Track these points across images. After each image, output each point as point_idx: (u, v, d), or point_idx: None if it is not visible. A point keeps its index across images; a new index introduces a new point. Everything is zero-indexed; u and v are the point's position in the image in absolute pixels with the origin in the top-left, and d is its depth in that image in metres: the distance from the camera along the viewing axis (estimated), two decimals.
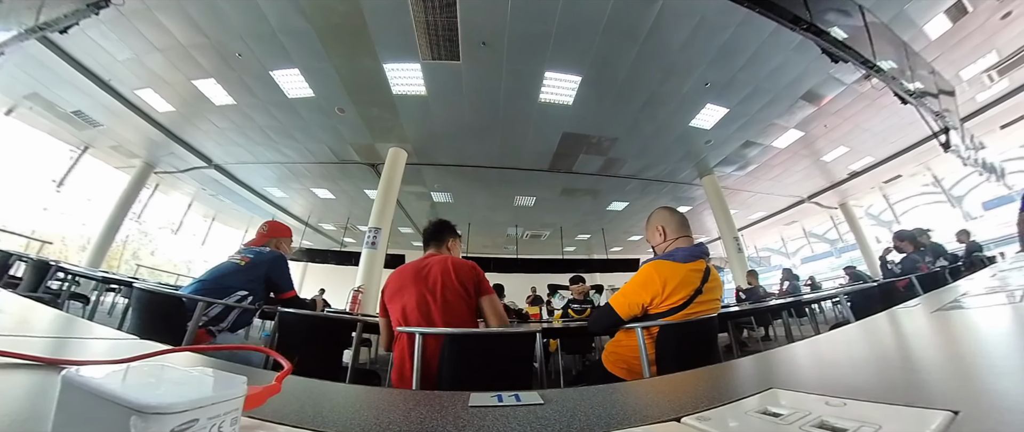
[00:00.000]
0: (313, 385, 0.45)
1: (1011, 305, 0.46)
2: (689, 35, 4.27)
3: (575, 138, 6.12)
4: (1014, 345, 0.33)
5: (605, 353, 1.43)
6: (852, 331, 0.56)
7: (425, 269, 1.36)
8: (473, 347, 1.06)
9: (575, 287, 4.21)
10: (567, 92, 4.96)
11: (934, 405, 0.19)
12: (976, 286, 0.76)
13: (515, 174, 7.20)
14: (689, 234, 1.43)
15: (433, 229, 1.57)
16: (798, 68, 5.08)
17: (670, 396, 0.34)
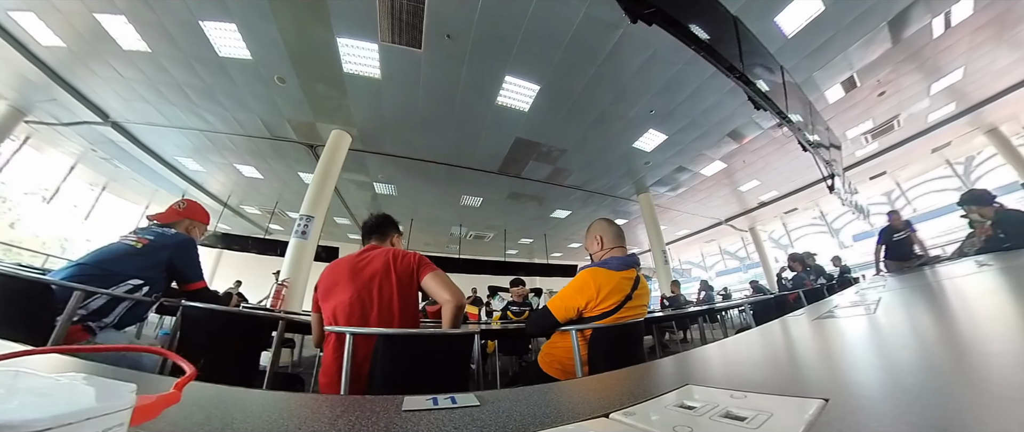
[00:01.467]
0: (222, 392, 0.40)
1: (867, 315, 0.57)
2: (642, 65, 4.63)
3: (527, 144, 6.22)
4: (870, 346, 0.41)
5: (541, 354, 1.49)
6: (753, 335, 0.63)
7: (363, 264, 1.27)
8: (408, 348, 1.01)
9: (515, 290, 4.28)
10: (524, 99, 5.03)
11: (811, 394, 0.24)
12: (844, 300, 0.93)
13: (464, 173, 7.10)
14: (624, 245, 1.54)
15: (376, 222, 1.48)
16: (728, 109, 5.83)
17: (600, 394, 0.36)
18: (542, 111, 5.33)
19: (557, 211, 9.75)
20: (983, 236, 3.00)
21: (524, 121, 5.55)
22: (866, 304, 0.71)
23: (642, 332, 1.49)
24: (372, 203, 8.86)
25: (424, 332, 1.03)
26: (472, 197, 8.51)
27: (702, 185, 9.06)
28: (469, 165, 6.82)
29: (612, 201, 9.19)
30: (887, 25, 4.77)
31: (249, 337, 1.62)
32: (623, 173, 7.81)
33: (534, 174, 7.36)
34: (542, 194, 8.47)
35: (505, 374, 3.43)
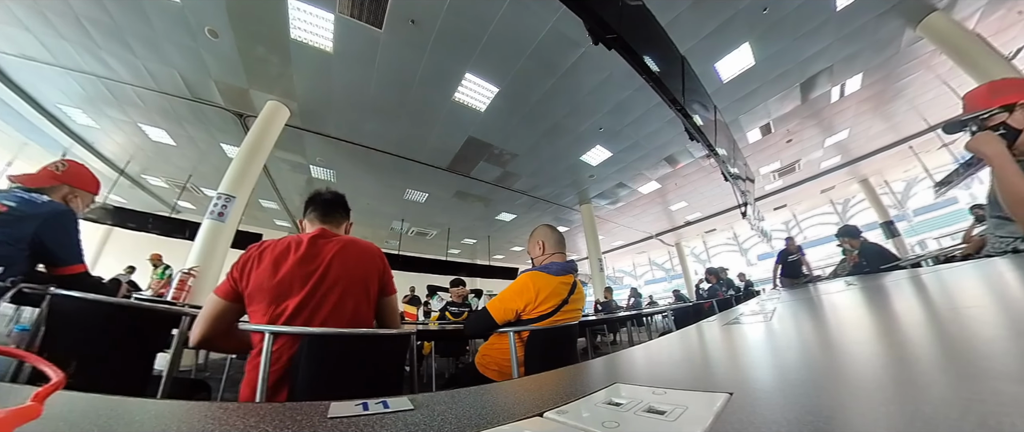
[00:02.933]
0: (102, 404, 0.34)
1: (765, 322, 0.67)
2: (597, 85, 4.89)
3: (479, 145, 6.20)
4: (766, 347, 0.48)
5: (478, 356, 1.50)
6: (673, 338, 0.70)
7: (316, 254, 1.02)
8: (337, 350, 0.89)
9: (455, 290, 4.21)
10: (482, 99, 5.01)
11: (719, 389, 0.27)
12: (748, 309, 1.08)
13: (412, 166, 6.84)
14: (563, 251, 1.60)
15: (334, 199, 1.23)
16: (667, 136, 6.43)
17: (535, 394, 0.37)
18: (498, 114, 5.35)
19: (503, 214, 9.83)
20: (851, 262, 3.78)
21: (479, 121, 5.52)
22: (764, 312, 0.84)
23: (576, 334, 1.56)
24: (306, 188, 8.13)
25: (355, 332, 0.92)
26: (418, 192, 8.23)
27: (638, 201, 9.82)
28: (418, 158, 6.60)
29: (556, 209, 9.53)
30: (799, 86, 5.69)
31: (142, 335, 1.30)
32: (569, 183, 8.14)
33: (483, 175, 7.36)
34: (489, 196, 8.49)
35: (441, 376, 3.36)
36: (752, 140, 7.14)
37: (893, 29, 4.87)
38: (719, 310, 3.99)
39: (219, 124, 5.83)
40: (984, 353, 0.27)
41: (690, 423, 0.21)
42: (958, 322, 0.39)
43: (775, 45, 4.71)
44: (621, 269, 20.12)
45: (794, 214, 13.70)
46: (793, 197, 11.35)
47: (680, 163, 7.66)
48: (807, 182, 10.07)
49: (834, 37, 4.77)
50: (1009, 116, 1.13)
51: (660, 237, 13.71)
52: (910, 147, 8.56)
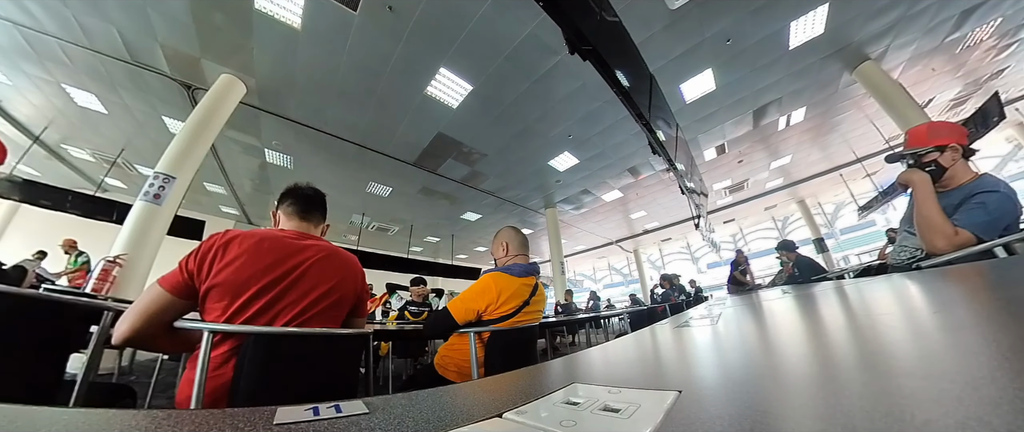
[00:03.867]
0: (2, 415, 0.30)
1: (712, 325, 0.72)
2: (570, 93, 5.01)
3: (448, 142, 6.12)
4: (712, 348, 0.52)
5: (438, 357, 1.48)
6: (629, 339, 0.73)
7: (295, 256, 0.93)
8: (285, 351, 0.82)
9: (415, 289, 4.11)
10: (455, 95, 4.95)
11: (669, 387, 0.29)
12: (697, 313, 1.15)
13: (377, 158, 6.60)
14: (527, 253, 1.62)
15: (314, 197, 1.12)
16: (632, 148, 6.71)
17: (495, 394, 0.37)
18: (470, 112, 5.32)
19: (468, 213, 9.76)
20: (787, 273, 4.25)
21: (450, 118, 5.45)
22: (712, 316, 0.90)
23: (536, 336, 1.57)
24: (259, 173, 7.60)
25: (306, 332, 0.85)
26: (381, 186, 7.96)
27: (601, 208, 10.16)
28: (384, 151, 6.38)
29: (522, 211, 9.62)
30: (752, 113, 6.23)
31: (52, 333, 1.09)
32: (535, 187, 8.25)
33: (451, 173, 7.27)
34: (456, 194, 8.40)
35: (399, 378, 3.26)
36: (708, 158, 7.72)
37: (833, 71, 5.48)
38: (671, 314, 4.22)
39: (162, 94, 5.22)
40: (891, 353, 0.30)
41: (643, 420, 0.22)
42: (871, 326, 0.45)
43: (735, 73, 5.11)
44: (582, 273, 20.69)
45: (741, 228, 15.03)
46: (740, 212, 12.44)
47: (642, 175, 8.07)
48: (753, 200, 11.15)
49: (785, 73, 5.28)
50: (940, 155, 1.35)
51: (620, 243, 14.33)
52: (840, 175, 9.75)
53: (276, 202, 1.13)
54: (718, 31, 4.29)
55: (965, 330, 0.33)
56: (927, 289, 0.64)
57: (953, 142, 1.34)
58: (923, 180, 1.33)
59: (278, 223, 1.11)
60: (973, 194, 1.25)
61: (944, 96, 7.07)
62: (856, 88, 5.83)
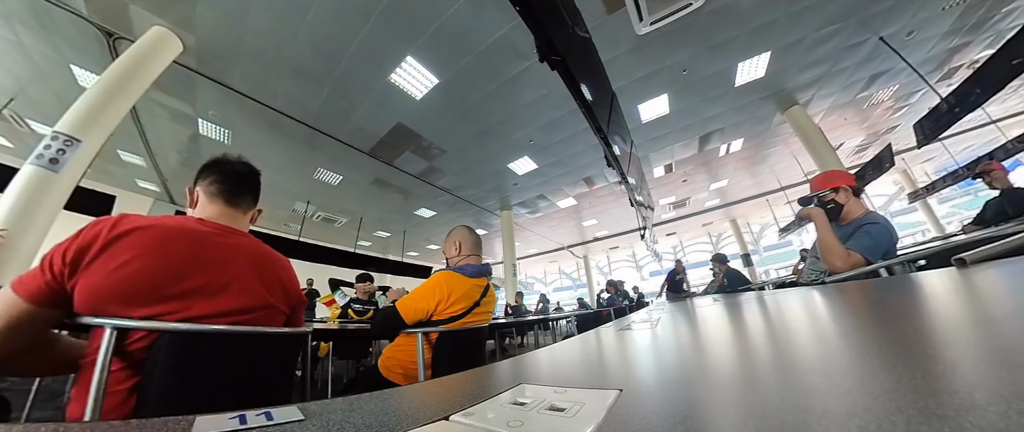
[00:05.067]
0: None
1: (651, 328, 0.76)
2: (535, 99, 5.10)
3: (408, 134, 5.93)
4: (651, 349, 0.54)
5: (383, 358, 1.42)
6: (575, 341, 0.76)
7: (218, 259, 0.76)
8: (207, 352, 0.70)
9: (361, 286, 3.87)
10: (420, 86, 4.80)
11: (611, 386, 0.30)
12: (639, 317, 1.22)
13: (328, 143, 6.20)
14: (479, 254, 1.61)
15: (247, 175, 0.93)
16: (589, 159, 7.00)
17: (442, 397, 0.36)
18: (433, 106, 5.20)
19: (422, 209, 9.51)
20: (718, 283, 4.73)
21: (412, 109, 5.29)
22: (651, 320, 0.96)
23: (485, 337, 1.57)
24: (189, 146, 6.77)
25: (232, 330, 0.72)
26: (330, 173, 7.46)
27: (555, 214, 10.44)
28: (337, 136, 6.01)
29: (477, 211, 9.58)
30: (698, 138, 6.86)
31: None
32: (493, 188, 8.27)
33: (407, 166, 7.03)
34: (411, 189, 8.14)
35: (339, 381, 3.08)
36: (657, 175, 8.34)
37: (768, 110, 6.25)
38: (615, 317, 4.44)
39: (74, 38, 4.36)
40: (798, 353, 0.35)
41: (586, 418, 0.23)
42: (784, 330, 0.51)
43: (687, 101, 5.61)
44: (533, 275, 21.05)
45: (681, 240, 16.44)
46: (681, 226, 13.63)
47: (596, 185, 8.44)
48: (693, 216, 12.31)
49: (729, 106, 5.92)
50: (837, 195, 1.68)
51: (571, 249, 14.82)
52: (767, 200, 11.13)
53: (195, 177, 0.90)
54: (677, 61, 4.68)
55: (855, 334, 0.39)
56: (828, 301, 0.74)
57: (844, 184, 1.68)
58: (820, 214, 1.64)
59: (196, 204, 0.88)
60: (861, 225, 1.55)
61: (852, 142, 8.35)
62: (785, 127, 6.69)
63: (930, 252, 1.32)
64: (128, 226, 0.68)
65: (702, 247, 16.44)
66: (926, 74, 5.61)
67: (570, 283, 19.74)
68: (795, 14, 4.23)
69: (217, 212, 0.86)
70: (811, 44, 4.78)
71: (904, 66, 5.28)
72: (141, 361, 0.65)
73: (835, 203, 1.67)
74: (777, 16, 4.22)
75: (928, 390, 0.17)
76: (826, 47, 4.88)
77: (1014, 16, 4.93)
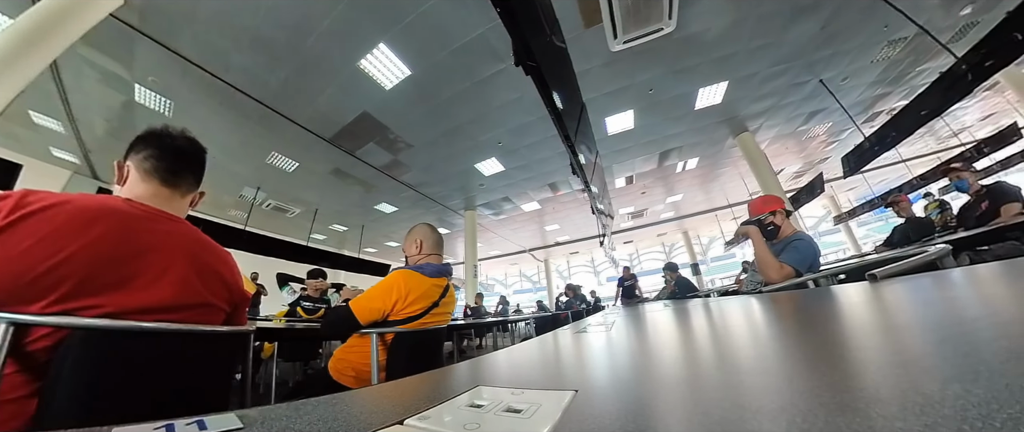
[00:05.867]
0: None
1: (606, 331, 0.78)
2: (507, 102, 5.12)
3: (373, 124, 5.70)
4: (606, 352, 0.56)
5: (333, 360, 1.36)
6: (533, 343, 0.77)
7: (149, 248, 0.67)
8: (130, 353, 0.61)
9: (313, 282, 3.63)
10: (391, 76, 4.63)
11: (567, 387, 0.31)
12: (594, 320, 1.26)
13: (286, 127, 5.81)
14: (441, 253, 1.58)
15: (190, 153, 0.82)
16: (555, 165, 7.15)
17: (396, 400, 0.35)
18: (403, 98, 5.06)
19: (383, 204, 9.18)
20: (669, 290, 5.07)
21: (380, 99, 5.11)
22: (607, 324, 1.00)
23: (443, 338, 1.54)
24: (121, 114, 6.03)
25: (158, 328, 0.63)
26: (286, 158, 6.97)
27: (519, 217, 10.53)
28: (296, 119, 5.66)
29: (441, 210, 9.42)
30: (658, 154, 7.31)
31: None
32: (458, 187, 8.19)
33: (370, 157, 6.75)
34: (373, 182, 7.82)
35: (285, 385, 2.86)
36: (618, 186, 8.75)
37: (722, 134, 6.84)
38: (573, 320, 4.56)
39: None
40: (738, 355, 0.38)
41: (542, 419, 0.24)
42: (726, 335, 0.55)
43: (651, 119, 5.95)
44: (494, 277, 21.04)
45: (637, 248, 17.44)
46: (638, 235, 14.54)
47: (560, 191, 8.64)
48: (649, 226, 13.10)
49: (688, 127, 6.39)
50: (774, 217, 1.95)
51: (533, 252, 15.00)
52: (716, 215, 12.05)
53: (127, 150, 0.78)
54: (645, 80, 4.97)
55: (785, 339, 0.44)
56: (763, 308, 0.81)
57: (779, 208, 1.96)
58: (756, 231, 1.88)
59: (125, 181, 0.76)
60: (790, 241, 1.82)
61: (791, 169, 9.30)
62: (735, 151, 7.33)
63: (849, 268, 1.51)
64: (36, 204, 0.57)
65: (656, 255, 17.44)
66: (854, 115, 6.38)
67: (530, 286, 20.00)
68: (752, 50, 4.68)
69: (150, 192, 0.75)
70: (763, 79, 5.31)
71: (837, 107, 5.98)
72: (44, 363, 0.55)
73: (774, 224, 1.94)
74: (737, 50, 4.64)
75: (844, 387, 0.20)
76: (775, 83, 5.46)
77: (925, 75, 5.85)
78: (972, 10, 4.60)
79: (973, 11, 4.62)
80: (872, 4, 4.14)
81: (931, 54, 5.30)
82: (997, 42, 3.15)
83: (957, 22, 4.78)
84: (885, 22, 4.49)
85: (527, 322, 6.65)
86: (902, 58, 5.42)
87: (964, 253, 2.29)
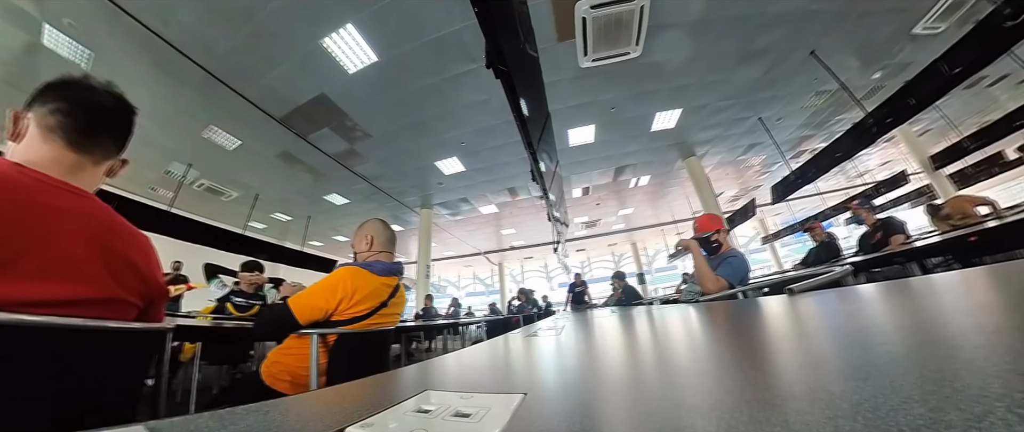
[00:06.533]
0: None
1: (556, 335, 0.81)
2: (475, 103, 5.10)
3: (331, 108, 5.36)
4: (555, 355, 0.58)
5: (267, 363, 1.25)
6: (484, 346, 0.78)
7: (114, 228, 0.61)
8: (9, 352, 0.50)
9: (247, 275, 3.22)
10: (355, 59, 4.37)
11: (516, 390, 0.31)
12: (545, 324, 1.29)
13: (231, 99, 5.23)
14: (392, 252, 1.52)
15: (113, 112, 0.69)
16: (516, 170, 7.24)
17: (337, 407, 0.34)
18: (366, 84, 4.80)
19: (334, 195, 8.59)
20: (616, 297, 5.30)
21: (341, 82, 4.81)
22: (557, 328, 1.04)
23: (391, 340, 1.47)
24: (20, 59, 5.05)
25: (55, 322, 0.52)
26: (227, 135, 6.25)
27: (477, 219, 10.49)
28: (244, 93, 5.11)
29: (396, 206, 9.06)
30: (614, 169, 7.76)
31: None
32: (416, 184, 7.97)
33: (324, 143, 6.28)
34: (324, 170, 7.29)
35: (208, 391, 2.57)
36: (575, 196, 9.12)
37: (673, 156, 7.50)
38: (524, 324, 4.61)
39: None
40: (677, 358, 0.42)
41: (491, 423, 0.24)
42: (666, 339, 0.60)
43: (610, 135, 6.32)
44: (446, 279, 20.66)
45: (589, 256, 18.24)
46: (590, 244, 15.38)
47: (519, 196, 8.77)
48: (601, 236, 13.79)
49: (643, 146, 6.89)
50: (717, 235, 2.16)
51: (487, 255, 14.96)
52: (662, 230, 13.05)
53: (30, 98, 0.64)
54: (608, 98, 5.29)
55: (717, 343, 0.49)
56: (700, 316, 0.89)
57: (722, 227, 2.21)
58: (695, 245, 2.10)
59: (20, 138, 0.63)
60: (726, 257, 2.02)
61: (729, 193, 10.33)
62: (683, 172, 8.01)
63: (772, 283, 1.79)
64: None
65: (606, 264, 18.32)
66: (784, 151, 7.23)
67: (484, 288, 19.93)
68: (706, 84, 5.25)
69: (51, 157, 0.61)
70: (712, 111, 5.97)
71: (771, 142, 6.82)
72: None
73: (718, 241, 2.17)
74: (692, 82, 5.16)
75: (765, 386, 0.23)
76: (722, 116, 6.17)
77: (841, 124, 6.90)
78: (881, 75, 5.58)
79: (882, 76, 5.61)
80: (807, 59, 4.87)
81: (847, 107, 6.16)
82: (897, 104, 3.87)
83: (869, 84, 5.76)
84: (815, 76, 5.24)
85: (478, 325, 6.64)
86: (825, 107, 6.39)
87: (862, 273, 2.86)
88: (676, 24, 4.11)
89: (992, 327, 0.28)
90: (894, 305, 0.55)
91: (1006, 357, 0.20)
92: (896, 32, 4.79)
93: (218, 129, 6.13)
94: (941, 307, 0.46)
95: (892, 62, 5.36)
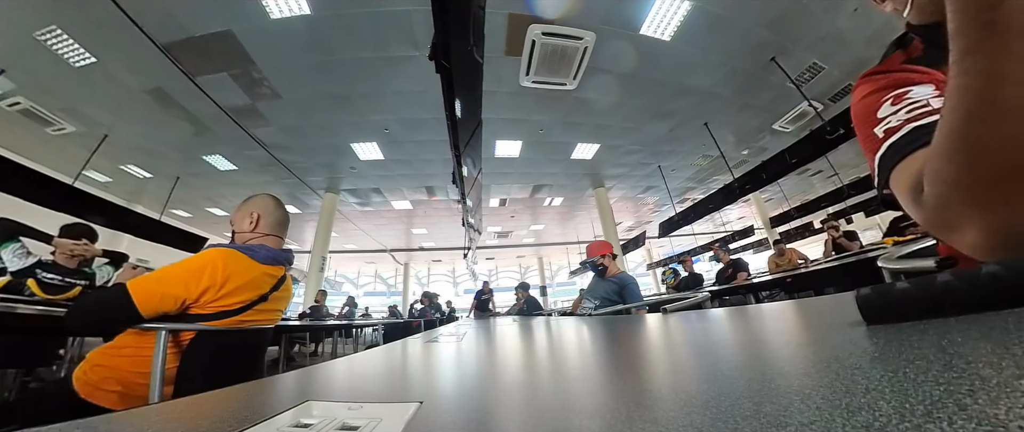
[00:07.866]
0: None
1: (457, 341, 0.81)
2: (408, 92, 4.89)
3: (237, 51, 4.35)
4: (454, 362, 0.58)
5: (83, 367, 0.95)
6: (379, 351, 0.74)
7: None
8: None
9: (68, 242, 2.28)
10: (283, 5, 3.73)
11: (412, 399, 0.30)
12: (447, 330, 1.29)
13: (103, 6, 4.07)
14: (282, 236, 1.30)
15: None
16: (437, 170, 7.16)
17: (188, 424, 0.28)
18: (289, 35, 4.09)
19: (217, 157, 6.96)
20: (519, 306, 5.61)
21: (259, 25, 3.98)
22: (458, 334, 1.04)
23: (267, 342, 1.26)
24: None
25: None
26: (78, 47, 4.62)
27: (387, 213, 9.91)
28: (123, 5, 3.95)
29: (296, 183, 7.79)
30: (532, 186, 8.39)
31: None
32: (325, 163, 7.12)
33: (217, 91, 4.98)
34: (211, 124, 5.85)
35: None
36: (492, 205, 9.54)
37: (586, 184, 8.49)
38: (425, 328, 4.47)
39: None
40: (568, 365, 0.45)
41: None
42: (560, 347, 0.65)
43: (535, 154, 6.82)
44: (343, 274, 18.87)
45: (497, 265, 18.82)
46: (500, 254, 15.88)
47: (436, 197, 8.71)
48: (511, 248, 14.49)
49: (562, 171, 7.63)
50: (604, 260, 2.49)
51: (394, 253, 14.13)
52: (566, 248, 14.35)
53: None
54: (539, 120, 5.69)
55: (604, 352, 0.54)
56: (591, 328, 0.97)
57: (609, 252, 2.51)
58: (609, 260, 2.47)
59: None
60: (624, 283, 2.33)
61: (627, 223, 12.04)
62: (592, 200, 9.18)
63: (652, 303, 2.20)
64: None
65: (512, 274, 19.12)
66: (673, 196, 8.60)
67: (385, 289, 18.80)
68: (622, 129, 6.19)
69: None
70: (623, 152, 7.03)
71: (664, 187, 8.25)
72: None
73: (603, 265, 2.50)
74: (613, 123, 5.98)
75: (641, 390, 0.27)
76: (630, 158, 7.27)
77: (716, 183, 8.63)
78: (747, 153, 7.43)
79: (748, 153, 7.45)
80: (701, 128, 6.25)
81: (722, 171, 7.74)
82: (754, 176, 5.54)
83: (739, 157, 7.54)
84: (704, 142, 6.65)
85: (375, 328, 6.10)
86: (707, 167, 8.06)
87: (716, 299, 3.84)
88: (610, 71, 4.63)
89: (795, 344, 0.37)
90: (735, 325, 0.67)
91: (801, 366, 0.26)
92: (762, 124, 6.41)
93: (63, 34, 4.43)
94: (765, 328, 0.57)
95: (756, 145, 7.10)
